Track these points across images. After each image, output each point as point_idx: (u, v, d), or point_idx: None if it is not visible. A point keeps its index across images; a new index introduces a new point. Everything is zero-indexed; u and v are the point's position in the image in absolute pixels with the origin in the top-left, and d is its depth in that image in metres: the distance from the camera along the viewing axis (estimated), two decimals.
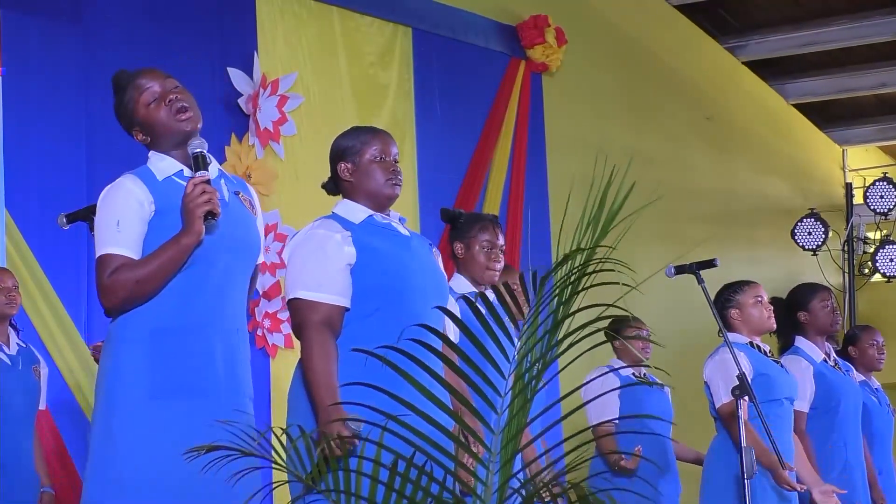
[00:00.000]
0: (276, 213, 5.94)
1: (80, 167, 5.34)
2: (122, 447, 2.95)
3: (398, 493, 2.10)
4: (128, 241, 3.00)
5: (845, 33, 9.38)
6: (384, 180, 3.30)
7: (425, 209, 6.65)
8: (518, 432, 2.08)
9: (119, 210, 3.02)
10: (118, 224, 2.99)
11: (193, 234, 2.98)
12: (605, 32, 8.45)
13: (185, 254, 2.99)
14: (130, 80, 3.15)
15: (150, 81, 3.12)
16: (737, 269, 7.40)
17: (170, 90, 3.10)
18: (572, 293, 1.98)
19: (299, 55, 6.28)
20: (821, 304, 5.14)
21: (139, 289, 2.97)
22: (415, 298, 3.20)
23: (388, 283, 3.19)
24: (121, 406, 2.97)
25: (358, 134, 3.36)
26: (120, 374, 2.99)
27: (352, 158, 3.30)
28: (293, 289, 3.18)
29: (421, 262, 3.30)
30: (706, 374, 4.72)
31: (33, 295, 5.11)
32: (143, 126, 3.12)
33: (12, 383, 4.70)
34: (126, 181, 3.05)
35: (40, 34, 5.33)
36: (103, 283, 2.98)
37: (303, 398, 3.14)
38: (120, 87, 3.17)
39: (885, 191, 9.74)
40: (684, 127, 9.16)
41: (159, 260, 2.98)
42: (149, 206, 3.03)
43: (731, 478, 4.50)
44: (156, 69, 3.19)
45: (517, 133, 7.37)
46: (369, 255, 3.20)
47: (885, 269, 9.80)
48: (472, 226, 4.16)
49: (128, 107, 3.13)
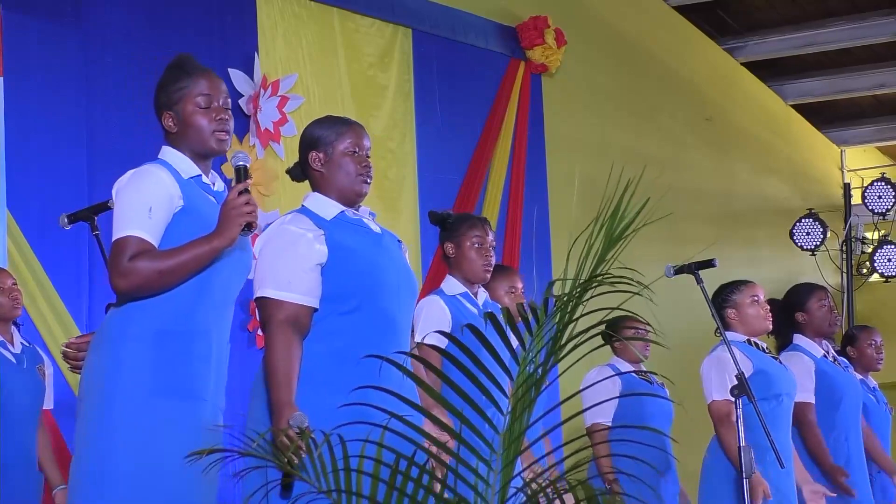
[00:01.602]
0: (276, 214, 5.95)
1: (81, 168, 5.35)
2: (121, 442, 2.94)
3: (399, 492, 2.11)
4: (155, 230, 2.98)
5: (844, 34, 9.41)
6: (356, 174, 3.26)
7: (425, 210, 6.64)
8: (520, 434, 2.09)
9: (152, 196, 2.99)
10: (150, 210, 2.97)
11: (227, 240, 2.98)
12: (604, 33, 8.47)
13: (213, 256, 2.99)
14: (194, 72, 3.13)
15: (210, 87, 3.12)
16: (736, 269, 7.41)
17: (222, 108, 3.12)
18: (578, 303, 1.99)
19: (299, 56, 6.29)
20: (818, 304, 5.16)
21: (160, 279, 2.96)
22: (387, 296, 3.20)
23: (362, 281, 3.17)
24: (121, 402, 2.96)
25: (332, 124, 3.32)
26: (121, 372, 2.98)
27: (324, 148, 3.27)
28: (261, 286, 3.16)
29: (392, 258, 3.28)
30: (702, 372, 4.73)
31: (35, 295, 5.12)
32: (181, 120, 3.10)
33: (17, 382, 4.71)
34: (157, 170, 3.04)
35: (41, 36, 5.33)
36: (122, 264, 2.95)
37: (261, 395, 3.14)
38: (183, 72, 3.14)
39: (883, 191, 9.77)
40: (683, 127, 9.18)
41: (187, 256, 2.97)
42: (178, 201, 3.03)
43: (730, 477, 4.51)
44: (217, 76, 3.18)
45: (517, 134, 7.39)
46: (342, 253, 3.17)
47: (883, 269, 9.83)
48: (461, 225, 4.18)
49: (178, 94, 3.10)
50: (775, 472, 4.46)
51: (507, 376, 2.09)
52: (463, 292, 4.12)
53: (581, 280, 1.99)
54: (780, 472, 4.46)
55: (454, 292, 4.11)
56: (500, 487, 2.08)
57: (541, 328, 2.03)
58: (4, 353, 4.76)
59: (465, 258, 4.14)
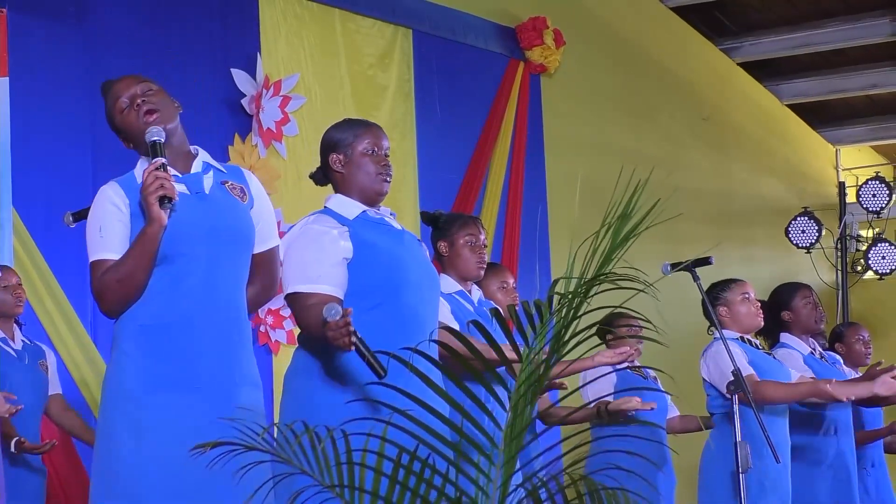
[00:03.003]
0: (278, 212, 5.96)
1: (86, 166, 5.38)
2: (117, 441, 2.97)
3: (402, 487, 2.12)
4: (110, 245, 3.02)
5: (838, 35, 9.43)
6: (375, 174, 3.29)
7: (426, 209, 6.69)
8: (522, 430, 2.09)
9: (99, 217, 3.04)
10: (100, 230, 3.02)
11: (152, 221, 2.97)
12: (602, 34, 8.49)
13: (153, 242, 2.98)
14: (108, 88, 3.16)
15: (123, 89, 3.12)
16: (732, 267, 7.45)
17: (140, 94, 3.10)
18: (583, 301, 2.03)
19: (301, 56, 6.32)
20: (803, 302, 5.17)
21: (122, 287, 2.99)
22: (411, 293, 3.22)
23: (386, 277, 3.20)
24: (116, 401, 3.00)
25: (351, 126, 3.35)
26: (116, 371, 3.02)
27: (344, 150, 3.30)
28: (291, 284, 3.18)
29: (414, 256, 3.31)
30: (705, 372, 4.74)
31: (40, 292, 5.16)
32: (122, 133, 3.14)
33: (19, 377, 4.75)
34: (106, 188, 3.08)
35: (45, 36, 5.36)
36: (95, 288, 3.03)
37: (297, 386, 3.17)
38: (104, 97, 3.17)
39: (878, 189, 9.81)
40: (681, 127, 9.20)
41: (131, 255, 2.99)
42: (125, 209, 3.04)
43: (728, 471, 4.53)
44: (132, 75, 3.18)
45: (516, 133, 7.42)
46: (366, 250, 3.20)
47: (878, 266, 9.85)
48: (454, 223, 4.21)
49: (109, 116, 3.15)
50: (773, 467, 4.48)
51: (510, 372, 2.11)
52: (458, 290, 4.14)
53: (586, 279, 2.04)
54: (778, 466, 4.48)
55: (450, 290, 4.13)
56: (501, 482, 2.09)
57: (545, 325, 2.06)
58: (6, 348, 4.80)
59: (458, 256, 4.16)
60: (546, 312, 2.05)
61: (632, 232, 2.00)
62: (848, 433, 5.22)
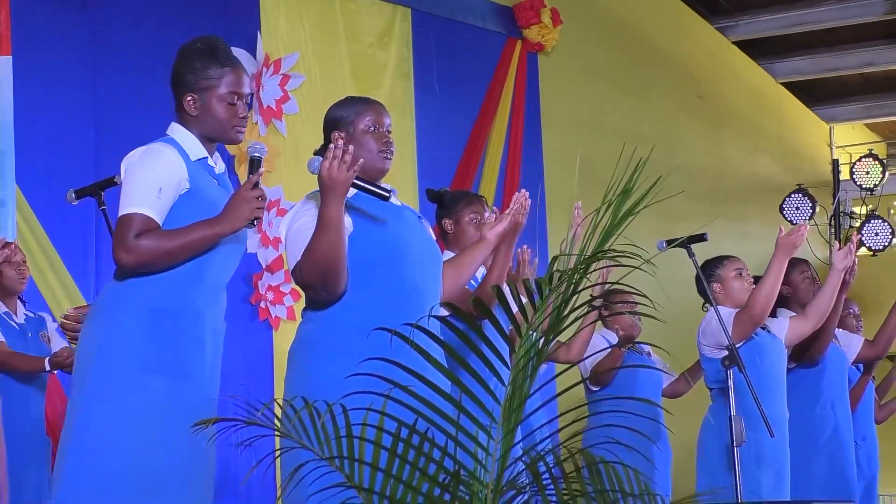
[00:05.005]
0: (278, 189, 6.03)
1: (89, 145, 5.42)
2: (107, 414, 2.98)
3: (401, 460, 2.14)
4: (162, 210, 3.03)
5: (832, 14, 9.44)
6: (377, 151, 3.29)
7: (424, 186, 6.73)
8: (520, 404, 2.11)
9: (162, 177, 3.04)
10: (160, 191, 3.02)
11: (231, 228, 3.03)
12: (598, 13, 8.49)
13: (215, 241, 3.04)
14: (227, 63, 3.17)
15: (239, 84, 3.16)
16: (727, 243, 7.47)
17: (245, 104, 3.17)
18: (582, 276, 2.05)
19: (301, 35, 6.35)
20: (801, 277, 5.21)
21: (162, 259, 3.00)
22: (412, 268, 3.21)
23: (387, 253, 3.18)
24: (111, 375, 2.99)
25: (352, 104, 3.34)
26: (113, 345, 3.01)
27: (346, 128, 3.28)
28: (293, 258, 3.17)
29: (414, 231, 3.31)
30: (703, 349, 4.79)
31: (43, 268, 5.20)
32: (203, 107, 3.14)
33: (22, 350, 4.81)
34: (167, 150, 3.08)
35: (49, 15, 5.39)
36: (128, 240, 2.98)
37: (301, 359, 3.16)
38: (215, 60, 3.16)
39: (871, 167, 9.85)
40: (676, 105, 9.21)
41: (190, 238, 3.01)
42: (185, 183, 3.07)
43: (723, 446, 4.57)
44: (247, 73, 3.21)
45: (513, 111, 7.44)
46: (366, 225, 3.19)
47: (871, 243, 9.88)
48: (459, 201, 4.22)
49: (206, 82, 3.14)
50: (768, 441, 4.51)
51: (509, 346, 2.12)
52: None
53: (585, 255, 2.06)
54: (774, 440, 4.50)
55: None
56: (500, 456, 2.11)
57: (544, 300, 2.08)
58: (10, 322, 4.87)
59: (463, 234, 4.17)
60: (546, 287, 2.09)
61: (632, 210, 2.02)
62: (845, 408, 5.27)
